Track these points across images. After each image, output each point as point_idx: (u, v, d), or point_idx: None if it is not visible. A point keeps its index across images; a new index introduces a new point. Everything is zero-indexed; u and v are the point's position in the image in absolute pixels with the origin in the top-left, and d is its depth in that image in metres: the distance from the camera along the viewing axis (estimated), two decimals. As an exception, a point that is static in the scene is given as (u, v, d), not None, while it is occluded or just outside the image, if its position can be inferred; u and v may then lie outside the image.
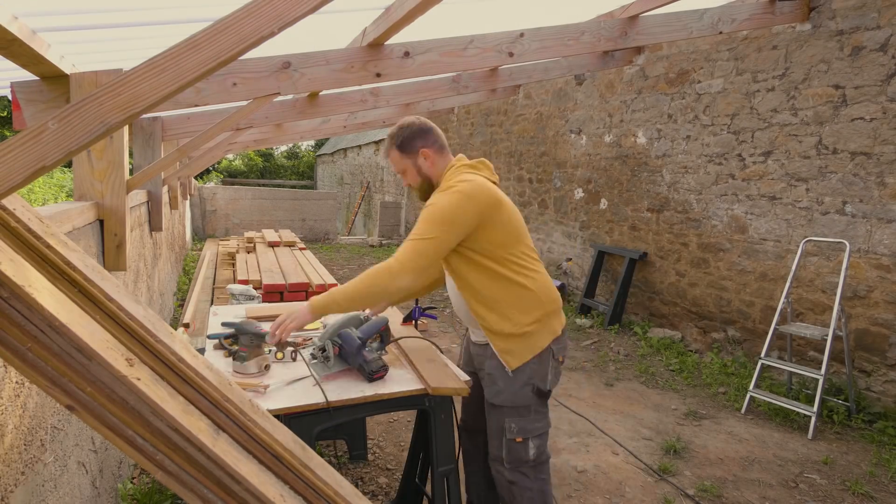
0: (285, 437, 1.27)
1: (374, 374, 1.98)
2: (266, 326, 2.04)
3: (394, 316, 2.80)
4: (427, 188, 2.10)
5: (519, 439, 2.03)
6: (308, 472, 1.26)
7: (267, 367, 1.98)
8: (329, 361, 2.00)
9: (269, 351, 2.17)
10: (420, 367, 2.11)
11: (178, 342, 1.19)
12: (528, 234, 2.07)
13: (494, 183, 2.04)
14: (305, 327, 2.57)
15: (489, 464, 2.16)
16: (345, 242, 13.57)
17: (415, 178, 2.09)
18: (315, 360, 2.05)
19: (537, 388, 2.02)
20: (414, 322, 2.66)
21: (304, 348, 2.30)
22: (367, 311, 2.32)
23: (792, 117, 4.54)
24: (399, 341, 2.40)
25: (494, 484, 2.36)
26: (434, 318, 2.84)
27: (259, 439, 1.22)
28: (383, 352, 2.21)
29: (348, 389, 1.92)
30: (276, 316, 2.75)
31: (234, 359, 2.02)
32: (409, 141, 2.05)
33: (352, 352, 1.99)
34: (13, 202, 1.10)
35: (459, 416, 2.40)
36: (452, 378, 2.05)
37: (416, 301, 2.77)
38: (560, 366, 2.11)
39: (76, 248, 1.16)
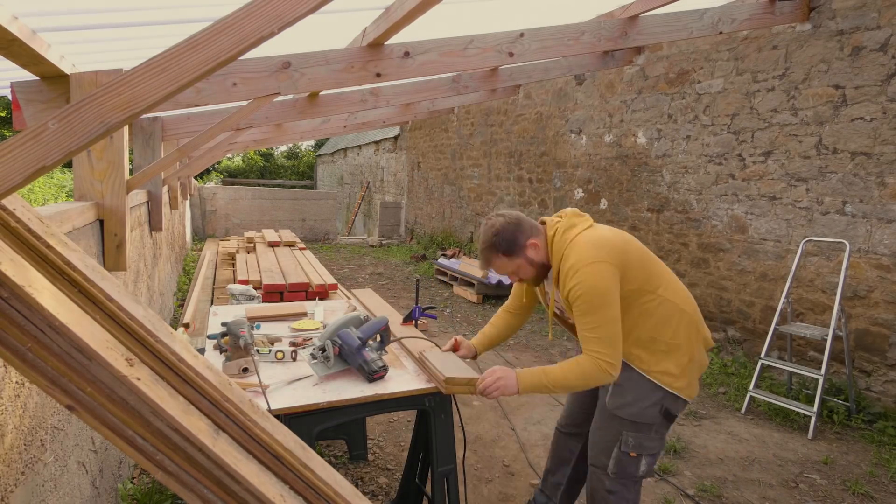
0: (285, 438, 1.27)
1: (374, 374, 1.98)
2: (245, 329, 2.04)
3: (392, 315, 2.80)
4: (540, 273, 2.04)
5: (633, 454, 1.98)
6: (308, 473, 1.26)
7: (245, 370, 1.96)
8: (329, 361, 2.00)
9: (269, 351, 2.17)
10: (431, 359, 2.10)
11: (179, 342, 1.19)
12: (652, 259, 2.02)
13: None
14: (306, 327, 2.58)
15: (588, 468, 2.12)
16: (345, 242, 13.57)
17: (529, 271, 2.01)
18: (315, 360, 2.05)
19: (666, 410, 1.97)
20: (414, 322, 2.65)
21: (304, 348, 2.30)
22: (366, 312, 2.33)
23: (792, 117, 4.54)
24: (402, 343, 2.40)
25: (576, 486, 2.43)
26: (434, 317, 2.82)
27: (259, 439, 1.22)
28: (383, 352, 2.21)
29: (348, 389, 1.92)
30: (277, 316, 2.77)
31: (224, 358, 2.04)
32: (512, 242, 1.94)
33: (351, 352, 1.99)
34: (13, 202, 1.10)
35: (560, 417, 2.44)
36: (465, 369, 2.04)
37: (416, 301, 2.80)
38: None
39: (76, 248, 1.16)
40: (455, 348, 2.24)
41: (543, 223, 2.04)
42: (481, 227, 1.99)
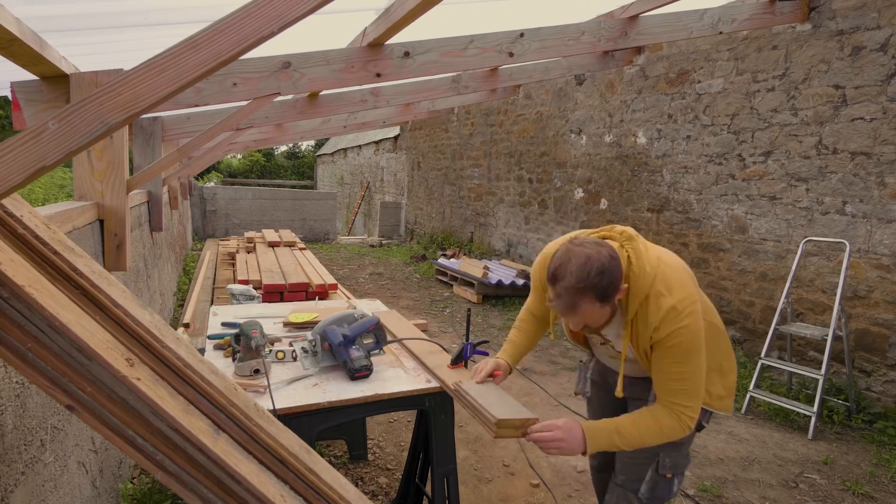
0: (290, 442, 1.27)
1: (355, 372, 1.98)
2: (258, 330, 2.04)
3: (395, 317, 2.79)
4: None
5: (669, 475, 1.80)
6: (313, 477, 1.27)
7: (256, 372, 1.96)
8: (317, 356, 2.02)
9: (269, 351, 2.17)
10: (472, 394, 1.82)
11: (185, 347, 1.19)
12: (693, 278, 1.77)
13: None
14: (300, 321, 2.58)
15: (616, 490, 1.90)
16: (345, 242, 13.56)
17: (603, 319, 1.63)
18: (306, 354, 2.07)
19: (699, 425, 1.80)
20: (465, 363, 2.14)
21: (297, 342, 2.31)
22: (360, 310, 2.31)
23: (792, 117, 4.54)
24: (404, 343, 2.39)
25: None
26: (486, 354, 2.20)
27: (265, 444, 1.22)
28: (380, 352, 2.21)
29: (348, 389, 1.92)
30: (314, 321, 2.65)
31: (233, 359, 2.04)
32: (614, 286, 1.53)
33: (337, 348, 2.01)
34: (20, 208, 1.11)
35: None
36: (515, 405, 1.78)
37: (467, 336, 2.35)
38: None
39: (83, 253, 1.16)
40: (495, 374, 1.93)
41: None
42: (569, 255, 1.52)
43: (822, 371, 3.76)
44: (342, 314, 2.18)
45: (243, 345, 2.00)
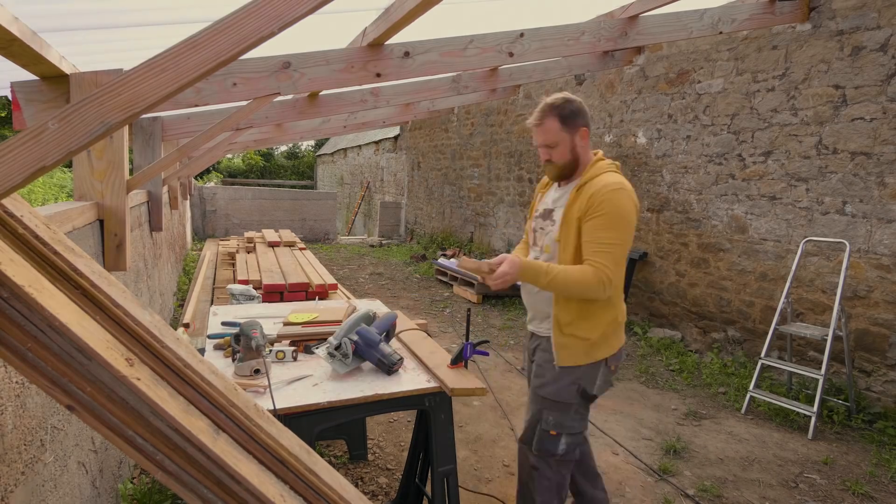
0: (290, 442, 1.27)
1: (394, 366, 2.04)
2: (258, 330, 2.04)
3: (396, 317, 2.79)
4: (570, 170, 2.06)
5: (553, 433, 2.04)
6: (313, 477, 1.27)
7: (256, 372, 1.97)
8: (347, 359, 2.04)
9: (269, 351, 2.17)
10: (437, 369, 2.11)
11: (185, 347, 1.19)
12: None
13: None
14: (298, 321, 2.57)
15: (518, 443, 2.23)
16: (345, 242, 13.57)
17: (565, 155, 2.02)
18: (334, 359, 2.07)
19: (583, 390, 2.03)
20: (464, 363, 2.20)
21: (316, 346, 2.30)
22: (375, 310, 2.34)
23: (792, 117, 4.54)
24: (411, 348, 2.39)
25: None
26: (486, 354, 2.39)
27: (265, 444, 1.22)
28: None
29: (348, 389, 1.93)
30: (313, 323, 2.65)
31: (233, 359, 2.04)
32: (574, 115, 2.00)
33: (370, 347, 2.04)
34: (20, 208, 1.10)
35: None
36: (471, 379, 2.05)
37: (467, 335, 2.45)
38: (612, 374, 2.10)
39: (83, 253, 1.16)
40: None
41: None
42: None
43: (822, 371, 3.76)
44: (361, 314, 2.21)
45: (243, 345, 2.01)
